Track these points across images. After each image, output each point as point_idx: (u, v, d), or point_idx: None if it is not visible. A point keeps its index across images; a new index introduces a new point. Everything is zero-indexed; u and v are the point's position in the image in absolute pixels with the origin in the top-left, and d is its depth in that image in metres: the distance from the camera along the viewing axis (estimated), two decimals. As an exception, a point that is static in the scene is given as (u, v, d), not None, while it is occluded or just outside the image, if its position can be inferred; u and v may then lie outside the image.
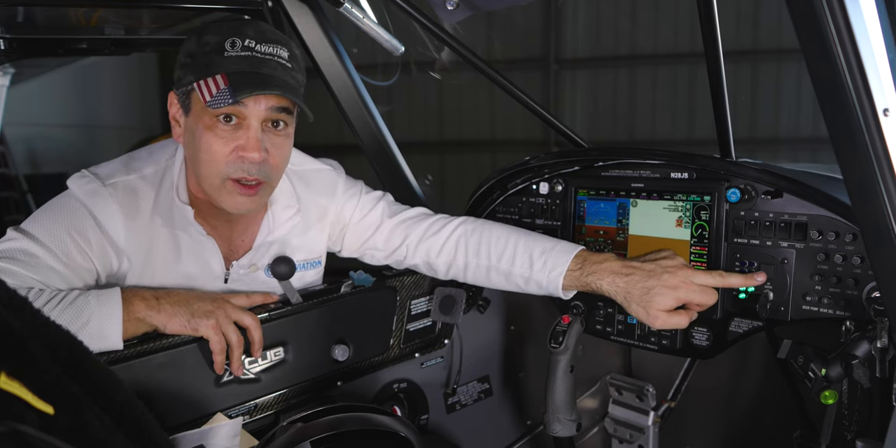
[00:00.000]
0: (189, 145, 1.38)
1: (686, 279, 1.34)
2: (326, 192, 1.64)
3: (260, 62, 1.32)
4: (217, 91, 1.28)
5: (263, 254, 1.55)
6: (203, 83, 1.30)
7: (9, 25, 1.77)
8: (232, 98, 1.27)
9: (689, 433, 2.08)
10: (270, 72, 1.33)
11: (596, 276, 1.41)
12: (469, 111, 8.34)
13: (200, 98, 1.31)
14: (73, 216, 1.35)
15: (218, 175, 1.35)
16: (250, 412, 1.43)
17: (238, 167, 1.34)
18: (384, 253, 1.68)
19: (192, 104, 1.35)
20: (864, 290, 1.31)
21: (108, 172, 1.41)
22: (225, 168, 1.34)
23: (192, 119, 1.36)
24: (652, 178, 1.64)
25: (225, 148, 1.33)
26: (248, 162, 1.33)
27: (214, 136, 1.33)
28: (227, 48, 1.31)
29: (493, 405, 1.99)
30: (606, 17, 8.19)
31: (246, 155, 1.33)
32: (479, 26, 7.54)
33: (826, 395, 1.29)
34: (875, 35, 0.95)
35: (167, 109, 1.43)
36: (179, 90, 1.37)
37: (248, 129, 1.33)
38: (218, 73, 1.30)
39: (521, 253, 1.52)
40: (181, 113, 1.39)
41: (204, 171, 1.36)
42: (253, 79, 1.30)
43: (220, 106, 1.28)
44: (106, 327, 1.22)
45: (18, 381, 0.54)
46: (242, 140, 1.33)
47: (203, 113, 1.32)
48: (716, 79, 1.52)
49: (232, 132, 1.33)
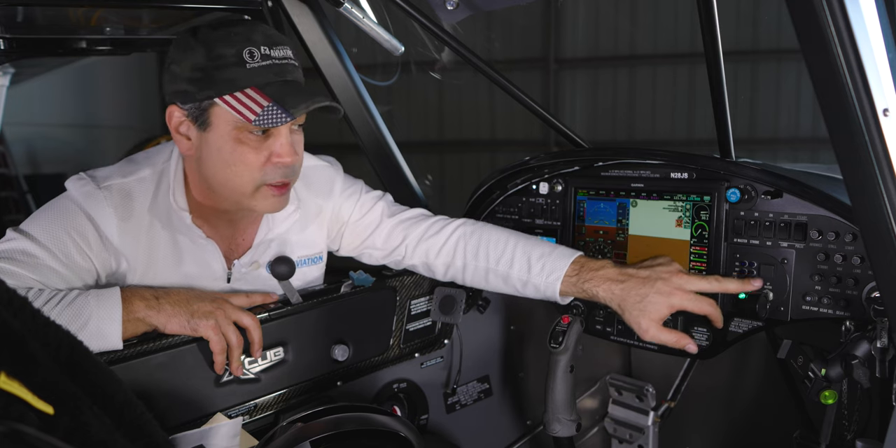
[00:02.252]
0: (211, 159, 1.35)
1: (680, 285, 1.34)
2: (324, 188, 1.64)
3: (281, 69, 1.32)
4: (262, 109, 1.27)
5: (264, 251, 1.55)
6: (233, 99, 1.28)
7: (9, 25, 1.76)
8: (287, 115, 1.26)
9: (689, 433, 2.08)
10: (294, 77, 1.34)
11: (592, 282, 1.41)
12: (469, 111, 8.34)
13: (233, 114, 1.29)
14: (70, 217, 1.35)
15: (252, 183, 1.35)
16: (250, 412, 1.43)
17: (274, 173, 1.35)
18: (382, 252, 1.68)
19: (211, 119, 1.32)
20: (864, 290, 1.31)
21: (105, 175, 1.41)
22: (261, 176, 1.34)
23: (213, 134, 1.33)
24: (652, 178, 1.64)
25: (259, 157, 1.33)
26: (282, 166, 1.35)
27: (247, 147, 1.32)
28: (247, 60, 1.29)
29: (493, 405, 1.99)
30: (606, 17, 8.19)
31: (281, 161, 1.34)
32: (479, 26, 7.54)
33: (826, 395, 1.29)
34: (875, 35, 0.95)
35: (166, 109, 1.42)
36: (189, 105, 1.33)
37: (280, 137, 1.33)
38: (246, 86, 1.29)
39: (520, 256, 1.52)
40: (192, 128, 1.36)
41: (236, 182, 1.35)
42: (290, 89, 1.30)
43: (275, 124, 1.27)
44: (105, 327, 1.22)
45: (18, 381, 0.54)
46: (276, 147, 1.33)
47: (232, 127, 1.31)
48: (716, 79, 1.52)
49: (262, 141, 1.33)
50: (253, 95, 1.28)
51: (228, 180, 1.35)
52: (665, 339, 1.36)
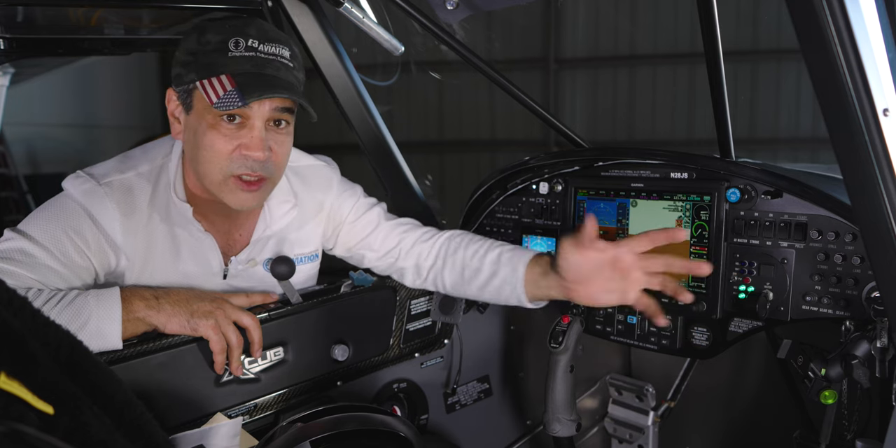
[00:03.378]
0: (190, 143, 1.39)
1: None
2: (322, 187, 1.64)
3: (264, 63, 1.33)
4: (224, 93, 1.28)
5: (261, 248, 1.55)
6: (207, 83, 1.30)
7: (9, 25, 1.76)
8: (241, 101, 1.27)
9: (689, 433, 2.08)
10: (274, 73, 1.34)
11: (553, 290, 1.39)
12: (469, 111, 8.34)
13: (205, 98, 1.31)
14: (69, 216, 1.35)
15: (220, 172, 1.35)
16: (250, 412, 1.43)
17: (241, 164, 1.34)
18: (377, 254, 1.68)
19: (193, 102, 1.35)
20: (864, 289, 1.31)
21: (104, 172, 1.42)
22: (228, 165, 1.34)
23: (193, 117, 1.36)
24: (652, 178, 1.64)
25: (228, 146, 1.34)
26: (250, 159, 1.34)
27: (218, 133, 1.33)
28: (230, 48, 1.31)
29: (493, 405, 1.99)
30: (606, 17, 8.19)
31: (250, 154, 1.34)
32: (479, 26, 7.54)
33: (826, 395, 1.29)
34: (875, 35, 0.95)
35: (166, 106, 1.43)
36: (180, 88, 1.37)
37: (252, 129, 1.34)
38: (222, 73, 1.30)
39: (488, 268, 1.51)
40: (181, 110, 1.40)
41: (206, 168, 1.36)
42: (259, 80, 1.31)
43: (228, 108, 1.28)
44: (105, 327, 1.22)
45: (18, 381, 0.54)
46: (246, 139, 1.34)
47: (206, 112, 1.33)
48: (715, 79, 1.52)
49: (235, 130, 1.34)
50: (224, 81, 1.30)
51: (200, 165, 1.37)
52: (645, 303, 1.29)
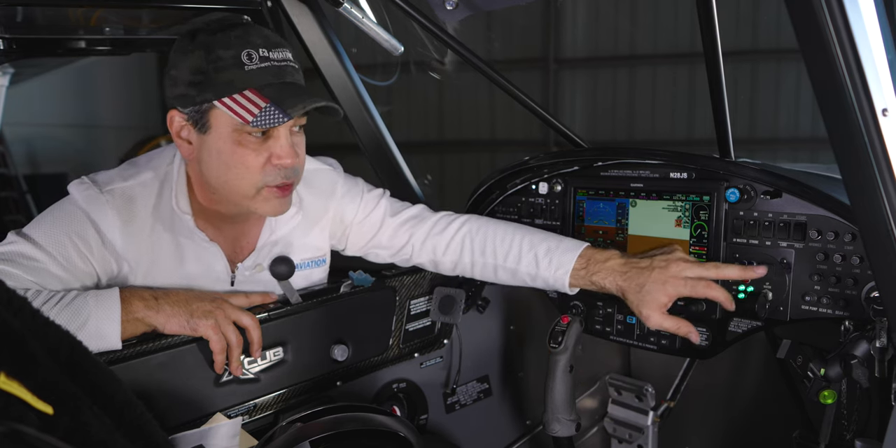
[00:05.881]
0: (211, 162, 1.36)
1: (677, 273, 1.38)
2: (326, 191, 1.64)
3: (280, 71, 1.32)
4: (259, 110, 1.27)
5: (267, 254, 1.55)
6: (232, 102, 1.28)
7: (9, 25, 1.76)
8: (285, 116, 1.26)
9: (689, 433, 2.08)
10: (293, 79, 1.34)
11: (600, 275, 1.46)
12: (469, 111, 8.34)
13: (231, 116, 1.29)
14: (72, 221, 1.35)
15: (254, 185, 1.35)
16: (250, 412, 1.43)
17: (275, 174, 1.35)
18: (389, 251, 1.70)
19: (211, 122, 1.33)
20: (863, 289, 1.31)
21: (107, 179, 1.41)
22: (261, 178, 1.34)
23: (213, 137, 1.33)
24: (651, 178, 1.64)
25: (259, 159, 1.33)
26: (283, 168, 1.35)
27: (247, 149, 1.32)
28: (245, 62, 1.29)
29: (493, 405, 1.99)
30: (606, 17, 8.19)
31: (282, 163, 1.34)
32: (479, 26, 7.54)
33: (825, 395, 1.29)
34: (874, 35, 0.95)
35: (166, 109, 1.42)
36: (189, 109, 1.34)
37: (279, 139, 1.33)
38: (244, 88, 1.29)
39: (527, 252, 1.56)
40: (191, 131, 1.36)
41: (236, 184, 1.35)
42: (286, 91, 1.30)
43: (272, 125, 1.27)
44: (104, 327, 1.22)
45: (18, 381, 0.54)
46: (276, 149, 1.33)
47: (231, 130, 1.31)
48: (715, 79, 1.52)
49: (262, 143, 1.33)
50: (251, 97, 1.28)
51: (229, 183, 1.35)
52: (667, 326, 1.40)
